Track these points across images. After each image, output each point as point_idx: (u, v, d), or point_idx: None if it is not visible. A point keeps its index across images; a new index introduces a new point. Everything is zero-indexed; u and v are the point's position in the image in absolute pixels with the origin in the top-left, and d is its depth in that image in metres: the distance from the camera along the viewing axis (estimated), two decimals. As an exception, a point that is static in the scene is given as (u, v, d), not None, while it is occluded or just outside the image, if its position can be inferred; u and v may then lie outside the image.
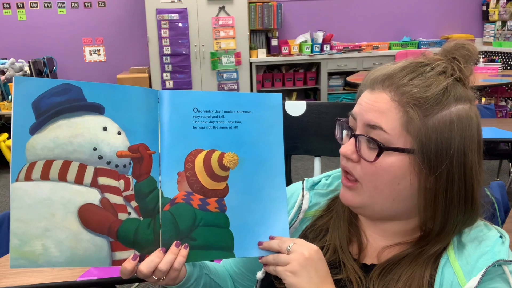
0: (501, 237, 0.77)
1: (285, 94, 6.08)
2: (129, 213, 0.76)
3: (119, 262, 0.75)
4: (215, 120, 0.81)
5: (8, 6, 5.97)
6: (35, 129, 0.72)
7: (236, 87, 5.81)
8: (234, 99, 0.82)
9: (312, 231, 0.89)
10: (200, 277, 0.89)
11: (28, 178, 0.72)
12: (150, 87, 5.28)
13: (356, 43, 6.17)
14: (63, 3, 6.05)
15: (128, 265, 0.75)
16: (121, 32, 6.18)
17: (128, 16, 6.14)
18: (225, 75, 5.76)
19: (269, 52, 6.02)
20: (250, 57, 5.81)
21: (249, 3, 5.77)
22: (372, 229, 0.85)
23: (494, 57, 5.91)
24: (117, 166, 0.76)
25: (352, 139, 0.78)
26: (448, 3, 6.41)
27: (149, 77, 5.76)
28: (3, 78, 5.09)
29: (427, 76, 0.75)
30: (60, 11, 6.06)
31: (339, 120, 0.84)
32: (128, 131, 0.77)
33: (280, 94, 0.86)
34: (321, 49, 5.94)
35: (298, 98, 6.25)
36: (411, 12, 6.40)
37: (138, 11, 5.98)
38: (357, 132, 0.78)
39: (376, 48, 6.17)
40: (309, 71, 6.12)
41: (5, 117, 4.96)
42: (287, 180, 0.88)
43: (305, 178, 0.95)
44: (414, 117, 0.72)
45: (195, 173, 0.80)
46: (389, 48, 6.19)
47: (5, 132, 4.82)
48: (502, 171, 4.16)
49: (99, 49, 6.22)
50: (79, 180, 0.74)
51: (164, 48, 5.61)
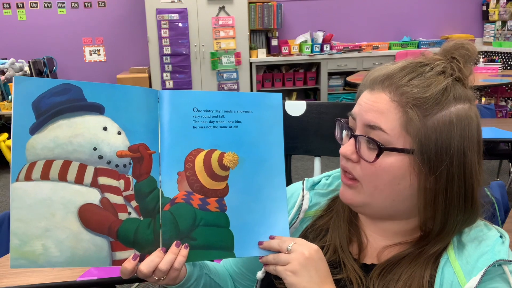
0: (501, 237, 0.77)
1: (285, 94, 6.08)
2: (129, 213, 0.76)
3: (119, 262, 0.75)
4: (215, 120, 0.81)
5: (8, 6, 5.97)
6: (35, 129, 0.72)
7: (236, 87, 5.81)
8: (234, 99, 0.82)
9: (312, 231, 0.89)
10: (200, 277, 0.89)
11: (28, 178, 0.72)
12: (150, 87, 5.28)
13: (356, 43, 6.16)
14: (63, 3, 6.05)
15: (128, 265, 0.75)
16: (121, 32, 6.18)
17: (128, 16, 6.14)
18: (225, 75, 5.76)
19: (269, 52, 6.01)
20: (250, 57, 5.81)
21: (249, 3, 5.77)
22: (372, 229, 0.85)
23: (494, 57, 5.91)
24: (117, 166, 0.76)
25: (352, 140, 0.78)
26: (448, 3, 6.41)
27: (149, 77, 5.76)
28: (3, 78, 5.09)
29: (427, 76, 0.75)
30: (60, 11, 6.06)
31: (339, 120, 0.84)
32: (128, 131, 0.77)
33: (280, 94, 0.86)
34: (321, 49, 5.94)
35: (298, 98, 6.25)
36: (411, 12, 6.39)
37: (138, 11, 5.98)
38: (357, 133, 0.78)
39: (376, 48, 6.17)
40: (309, 71, 6.12)
41: (5, 117, 4.96)
42: (287, 180, 0.88)
43: (305, 178, 0.95)
44: (414, 117, 0.72)
45: (195, 173, 0.80)
46: (389, 48, 6.19)
47: (5, 132, 4.82)
48: (502, 171, 4.16)
49: (99, 49, 6.21)
50: (79, 180, 0.74)
51: (164, 48, 5.60)
